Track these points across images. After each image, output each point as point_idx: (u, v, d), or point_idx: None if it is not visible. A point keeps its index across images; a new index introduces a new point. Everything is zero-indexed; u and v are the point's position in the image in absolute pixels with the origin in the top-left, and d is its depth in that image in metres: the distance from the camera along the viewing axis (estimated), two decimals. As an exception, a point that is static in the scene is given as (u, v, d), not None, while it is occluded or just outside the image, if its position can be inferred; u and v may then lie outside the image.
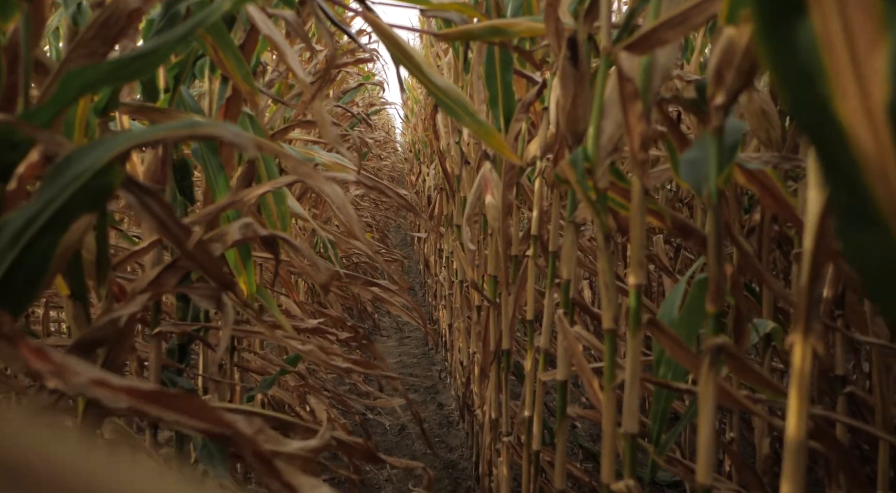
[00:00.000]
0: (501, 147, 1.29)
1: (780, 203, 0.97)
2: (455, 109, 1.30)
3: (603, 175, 0.91)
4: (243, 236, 1.06)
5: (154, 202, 0.56)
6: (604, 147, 0.91)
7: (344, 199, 1.09)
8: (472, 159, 2.40)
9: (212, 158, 1.44)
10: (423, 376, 3.93)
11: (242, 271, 1.54)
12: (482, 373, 2.13)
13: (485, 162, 1.82)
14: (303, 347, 1.32)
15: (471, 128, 1.29)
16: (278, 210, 1.65)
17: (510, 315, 1.79)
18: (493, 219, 1.77)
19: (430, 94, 1.31)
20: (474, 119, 1.29)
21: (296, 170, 1.10)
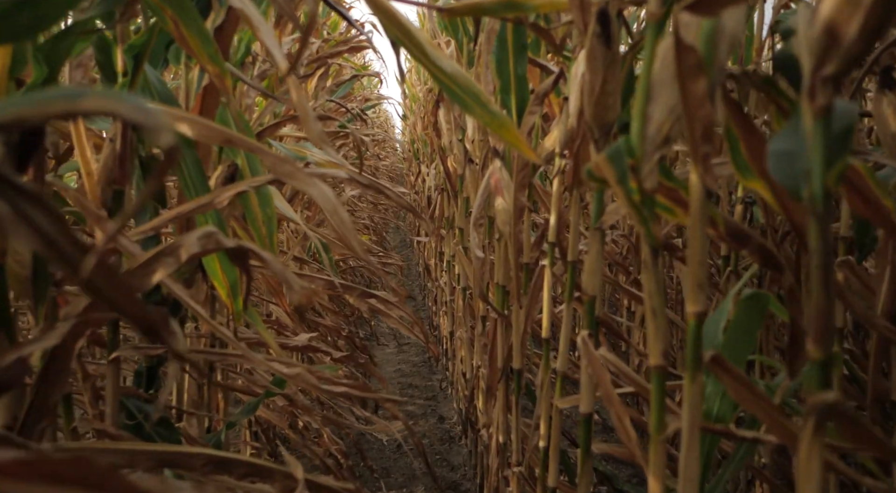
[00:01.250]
0: (517, 142, 1.11)
1: (873, 205, 0.79)
2: (463, 98, 1.12)
3: (650, 173, 0.73)
4: (203, 249, 0.88)
5: (36, 210, 0.38)
6: (651, 139, 0.73)
7: (334, 201, 0.91)
8: (477, 158, 2.22)
9: (186, 152, 1.25)
10: (422, 387, 3.74)
11: (225, 283, 1.36)
12: (488, 391, 1.95)
13: (494, 160, 1.63)
14: (288, 371, 1.13)
15: (481, 120, 1.11)
16: (263, 214, 1.47)
17: (521, 330, 1.61)
18: (504, 223, 1.59)
19: (435, 80, 1.13)
20: (486, 109, 1.11)
21: (275, 168, 0.93)
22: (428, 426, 3.18)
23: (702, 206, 0.69)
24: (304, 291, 0.97)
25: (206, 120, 0.92)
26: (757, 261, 0.80)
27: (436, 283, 4.38)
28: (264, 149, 0.92)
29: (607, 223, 1.14)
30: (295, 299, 0.98)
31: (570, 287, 1.37)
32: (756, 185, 0.78)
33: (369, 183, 1.23)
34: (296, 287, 0.97)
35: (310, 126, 0.90)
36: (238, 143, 0.92)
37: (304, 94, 0.90)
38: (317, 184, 0.90)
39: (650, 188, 0.74)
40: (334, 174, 1.19)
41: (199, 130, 0.91)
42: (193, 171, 1.25)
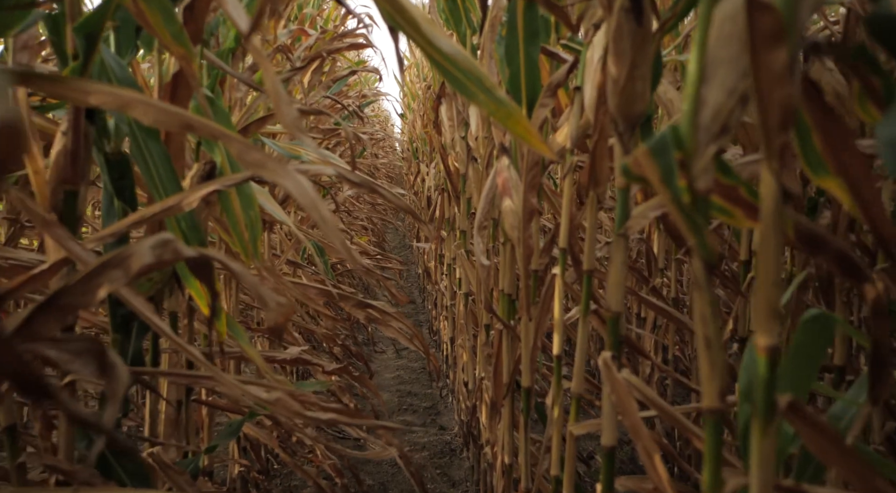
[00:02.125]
0: (527, 135, 0.96)
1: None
2: (465, 84, 0.97)
3: (705, 170, 0.59)
4: (158, 259, 0.74)
5: None
6: (706, 127, 0.58)
7: (313, 196, 0.77)
8: (481, 156, 2.07)
9: (151, 145, 1.11)
10: (422, 395, 3.60)
11: (204, 293, 1.22)
12: (493, 407, 1.81)
13: (502, 157, 1.49)
14: (267, 396, 0.99)
15: (486, 108, 0.96)
16: (246, 217, 1.32)
17: (531, 345, 1.46)
18: (512, 227, 1.45)
19: (432, 64, 0.98)
20: (491, 96, 0.96)
21: (242, 157, 0.78)
22: (428, 437, 3.04)
23: (777, 209, 0.55)
24: (281, 308, 0.83)
25: (161, 102, 0.77)
26: (835, 271, 0.65)
27: (436, 286, 4.24)
28: (230, 134, 0.77)
29: (633, 229, 0.99)
30: (270, 317, 0.83)
31: (586, 300, 1.23)
32: (830, 184, 0.64)
33: (361, 181, 1.08)
34: (271, 304, 0.83)
35: (282, 110, 0.76)
36: (199, 128, 0.78)
37: (272, 68, 0.76)
38: (292, 176, 0.75)
39: (704, 188, 0.59)
40: (320, 171, 1.05)
41: (155, 113, 0.77)
42: (161, 168, 1.11)
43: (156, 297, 1.32)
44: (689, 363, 2.49)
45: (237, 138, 0.79)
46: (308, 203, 0.76)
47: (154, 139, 1.11)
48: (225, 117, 1.34)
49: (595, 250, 1.25)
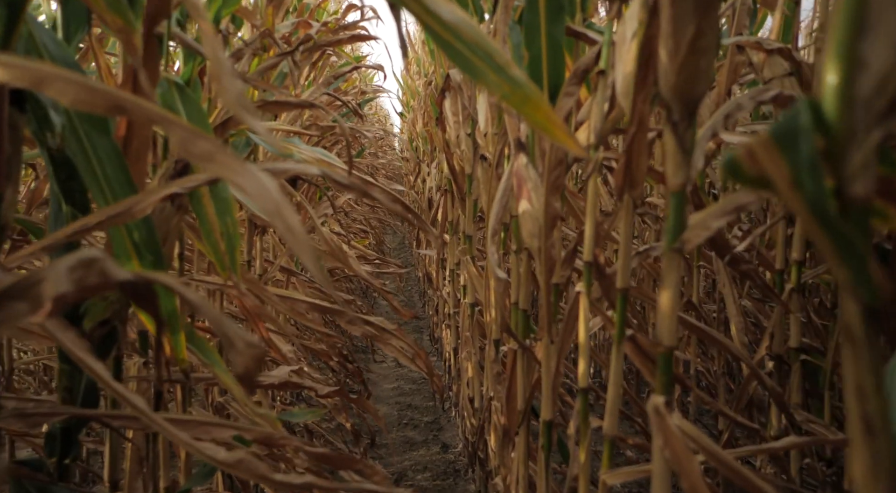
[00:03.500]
0: (550, 125, 0.76)
1: None
2: (471, 61, 0.77)
3: (864, 165, 0.39)
4: (80, 285, 0.55)
5: None
6: (866, 102, 0.39)
7: (278, 200, 0.58)
8: (491, 154, 1.88)
9: (96, 140, 0.91)
10: (423, 408, 3.40)
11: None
12: (505, 435, 1.61)
13: (518, 155, 1.29)
14: (227, 456, 0.79)
15: (498, 92, 0.76)
16: (222, 225, 1.13)
17: (553, 371, 1.27)
18: (531, 235, 1.25)
19: (432, 38, 0.78)
20: (504, 76, 0.76)
21: (186, 147, 0.59)
22: (430, 455, 2.84)
23: None
24: (251, 351, 0.64)
25: (84, 77, 0.58)
26: None
27: (437, 292, 4.04)
28: (170, 117, 0.58)
29: (692, 243, 0.80)
30: (239, 362, 0.64)
31: (620, 324, 1.03)
32: None
33: (350, 183, 0.89)
34: (238, 345, 0.63)
35: (223, 82, 0.57)
36: (131, 110, 0.59)
37: (212, 29, 0.57)
38: (250, 173, 0.56)
39: (863, 192, 0.40)
40: (301, 170, 0.85)
41: (75, 92, 0.58)
42: (110, 167, 0.91)
43: (117, 316, 1.13)
44: (713, 380, 2.29)
45: (179, 123, 0.59)
46: (270, 208, 0.56)
47: (100, 131, 0.91)
48: (197, 109, 1.15)
49: (629, 265, 1.06)
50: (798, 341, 1.70)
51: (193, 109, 1.15)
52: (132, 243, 0.97)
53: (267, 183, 0.61)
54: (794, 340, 1.70)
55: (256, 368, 0.63)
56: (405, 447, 2.92)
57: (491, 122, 1.89)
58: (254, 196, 0.62)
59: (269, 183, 0.61)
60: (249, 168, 0.62)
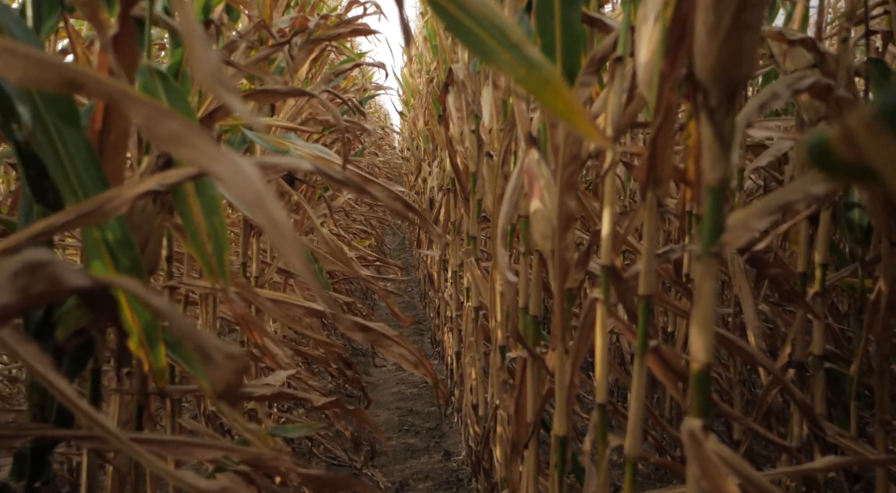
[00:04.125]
0: (571, 112, 0.67)
1: None
2: (481, 39, 0.69)
3: None
4: (25, 292, 0.46)
5: None
6: None
7: (260, 191, 0.50)
8: (496, 151, 1.79)
9: (65, 132, 0.82)
10: (425, 414, 3.31)
11: (136, 325, 0.93)
12: (513, 448, 1.52)
13: (530, 150, 1.20)
14: (209, 485, 0.70)
15: (512, 74, 0.67)
16: (209, 225, 1.04)
17: (567, 383, 1.18)
18: (543, 236, 1.16)
19: (434, 12, 0.70)
20: (519, 55, 0.68)
21: (151, 127, 0.51)
22: (432, 463, 2.75)
23: None
24: (231, 364, 0.55)
25: (34, 50, 0.49)
26: None
27: (438, 293, 3.95)
28: (128, 91, 0.49)
29: (733, 245, 0.71)
30: (217, 378, 0.55)
31: (643, 335, 0.94)
32: None
33: (345, 178, 0.80)
34: (217, 358, 0.55)
35: (197, 54, 0.48)
36: (87, 85, 0.50)
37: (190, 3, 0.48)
38: (227, 160, 0.48)
39: None
40: (290, 164, 0.76)
41: (24, 66, 0.49)
42: (81, 161, 0.82)
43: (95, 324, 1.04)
44: (728, 387, 2.20)
45: (141, 100, 0.50)
46: (251, 199, 0.48)
47: (70, 123, 0.82)
48: (182, 100, 1.06)
49: (653, 270, 0.97)
50: (822, 348, 1.61)
51: (178, 101, 1.06)
52: (106, 246, 0.88)
53: (247, 171, 0.53)
54: (818, 347, 1.61)
55: (237, 382, 0.54)
56: (406, 454, 2.83)
57: (496, 117, 1.80)
58: (232, 186, 0.53)
59: (250, 171, 0.53)
60: (227, 154, 0.53)
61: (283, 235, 0.53)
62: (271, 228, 0.53)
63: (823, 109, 1.59)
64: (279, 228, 0.53)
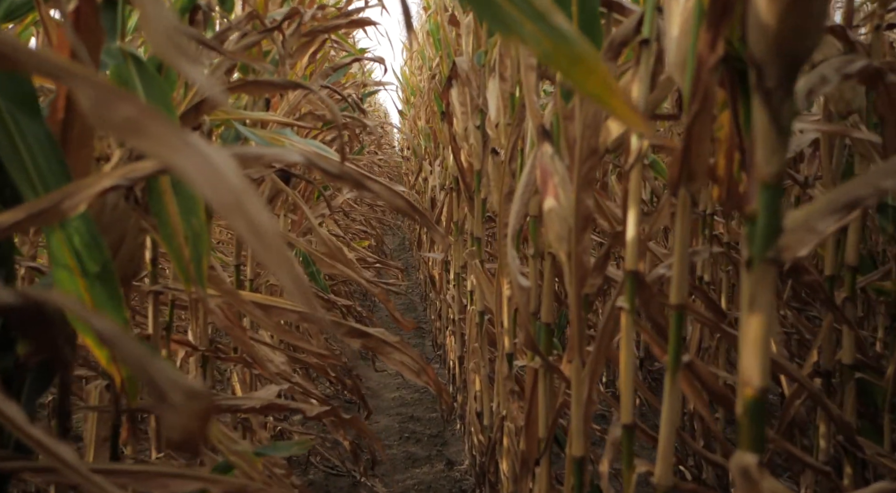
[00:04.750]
0: (607, 93, 0.57)
1: None
2: (499, 6, 0.58)
3: None
4: None
5: None
6: None
7: (236, 186, 0.40)
8: (503, 147, 1.68)
9: (24, 123, 0.72)
10: (426, 420, 3.20)
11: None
12: (523, 464, 1.42)
13: (543, 143, 1.10)
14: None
15: (537, 48, 0.57)
16: (186, 226, 0.94)
17: (584, 398, 1.07)
18: (559, 238, 1.06)
19: None
20: (545, 25, 0.57)
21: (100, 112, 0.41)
22: (433, 473, 2.64)
23: None
24: (194, 404, 0.44)
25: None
26: None
27: (440, 295, 3.85)
28: (67, 65, 0.39)
29: (794, 251, 0.61)
30: (174, 424, 0.45)
31: (675, 350, 0.84)
32: None
33: (341, 172, 0.70)
34: (175, 397, 0.44)
35: (149, 13, 0.38)
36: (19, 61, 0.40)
37: None
38: (196, 150, 0.38)
39: None
40: (279, 157, 0.66)
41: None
42: (42, 155, 0.72)
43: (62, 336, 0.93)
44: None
45: (87, 77, 0.40)
46: (226, 199, 0.38)
47: (28, 111, 0.72)
48: (159, 89, 0.96)
49: (686, 276, 0.86)
50: (852, 356, 1.51)
51: (154, 89, 0.95)
52: (72, 250, 0.78)
53: (220, 164, 0.43)
54: (848, 355, 1.51)
55: (200, 429, 0.44)
56: (407, 463, 2.72)
57: (504, 111, 1.70)
58: (202, 182, 0.43)
59: (224, 164, 0.42)
60: (195, 144, 0.43)
61: (265, 243, 0.43)
62: (251, 234, 0.43)
63: (855, 100, 1.49)
64: (260, 235, 0.43)
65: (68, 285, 0.75)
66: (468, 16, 2.29)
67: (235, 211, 0.43)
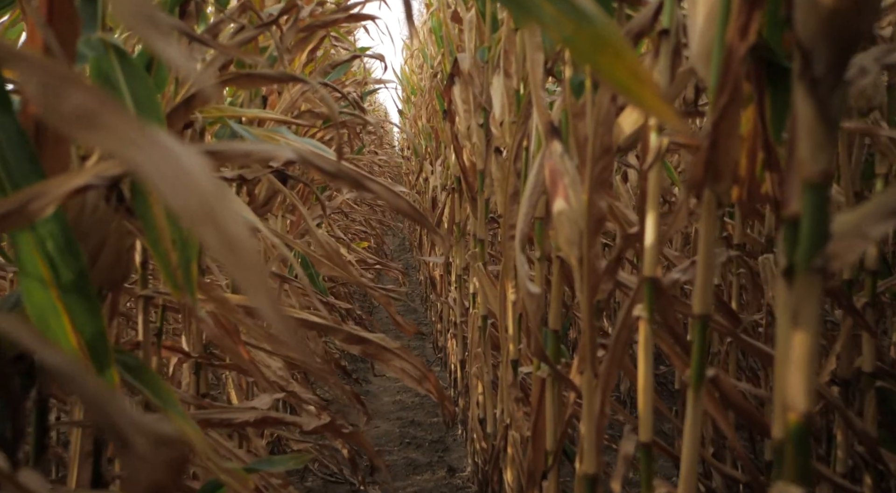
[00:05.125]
0: (636, 82, 0.50)
1: None
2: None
3: None
4: None
5: None
6: None
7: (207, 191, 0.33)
8: (508, 146, 1.62)
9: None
10: (427, 425, 3.14)
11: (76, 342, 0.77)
12: (529, 478, 1.36)
13: (552, 142, 1.04)
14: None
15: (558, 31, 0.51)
16: (173, 230, 0.87)
17: (597, 411, 1.01)
18: (569, 241, 1.00)
19: None
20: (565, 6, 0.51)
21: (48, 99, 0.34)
22: (434, 480, 2.58)
23: None
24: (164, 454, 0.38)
25: None
26: None
27: (440, 297, 3.79)
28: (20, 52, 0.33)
29: (842, 259, 0.54)
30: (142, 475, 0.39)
31: (698, 363, 0.78)
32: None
33: (337, 170, 0.63)
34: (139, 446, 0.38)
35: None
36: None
37: None
38: (157, 146, 0.32)
39: None
40: (267, 153, 0.60)
41: None
42: (10, 150, 0.66)
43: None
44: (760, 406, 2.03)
45: (34, 60, 0.34)
46: (193, 205, 0.32)
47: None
48: (143, 83, 0.89)
49: (711, 283, 0.80)
50: (872, 364, 1.45)
51: (138, 83, 0.89)
52: (44, 256, 0.71)
53: (189, 164, 0.36)
54: (868, 363, 1.44)
55: (170, 481, 0.37)
56: (408, 469, 2.66)
57: (508, 108, 1.64)
58: (165, 185, 0.37)
59: (192, 163, 0.36)
60: (158, 138, 0.37)
61: (239, 259, 0.37)
62: (223, 248, 0.37)
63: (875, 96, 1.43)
64: (234, 250, 0.37)
65: (38, 294, 0.69)
66: (471, 11, 2.23)
67: (204, 220, 0.36)
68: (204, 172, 0.38)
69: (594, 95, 1.00)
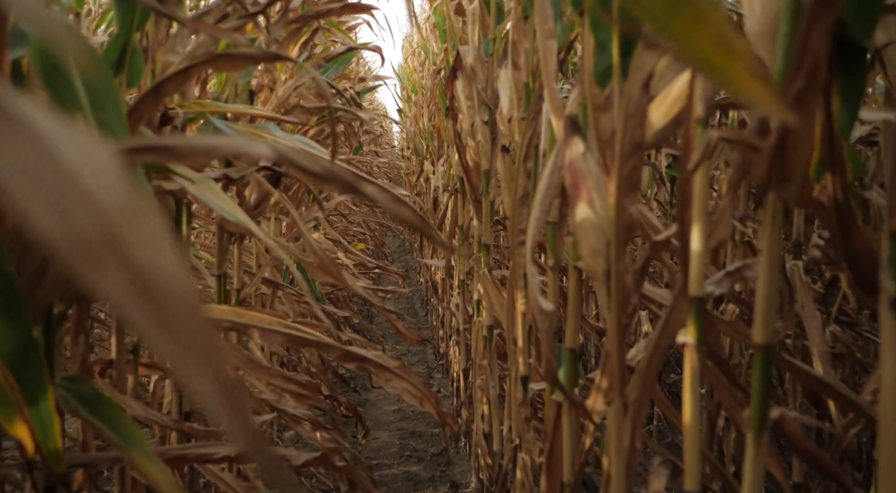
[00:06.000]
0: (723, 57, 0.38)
1: None
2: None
3: None
4: None
5: None
6: None
7: (112, 201, 0.20)
8: (517, 144, 1.49)
9: None
10: (429, 437, 3.01)
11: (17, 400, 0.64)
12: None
13: (572, 139, 0.91)
14: None
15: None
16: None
17: (627, 449, 0.88)
18: (594, 252, 0.87)
19: None
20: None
21: None
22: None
23: None
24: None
25: None
26: None
27: (442, 302, 3.65)
28: None
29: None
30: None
31: (761, 401, 0.65)
32: None
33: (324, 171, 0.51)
34: None
35: None
36: None
37: None
38: (73, 143, 0.18)
39: None
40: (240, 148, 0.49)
41: None
42: None
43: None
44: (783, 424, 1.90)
45: None
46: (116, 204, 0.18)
47: None
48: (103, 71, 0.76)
49: (774, 307, 0.67)
50: (919, 383, 1.31)
51: (101, 69, 0.76)
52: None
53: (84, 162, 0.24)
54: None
55: None
56: (408, 485, 2.53)
57: (518, 103, 1.51)
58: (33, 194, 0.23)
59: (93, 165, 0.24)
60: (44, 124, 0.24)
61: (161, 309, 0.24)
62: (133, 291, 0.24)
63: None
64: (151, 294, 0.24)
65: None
66: (473, 2, 2.10)
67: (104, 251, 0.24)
68: (113, 178, 0.25)
69: (622, 84, 0.87)
